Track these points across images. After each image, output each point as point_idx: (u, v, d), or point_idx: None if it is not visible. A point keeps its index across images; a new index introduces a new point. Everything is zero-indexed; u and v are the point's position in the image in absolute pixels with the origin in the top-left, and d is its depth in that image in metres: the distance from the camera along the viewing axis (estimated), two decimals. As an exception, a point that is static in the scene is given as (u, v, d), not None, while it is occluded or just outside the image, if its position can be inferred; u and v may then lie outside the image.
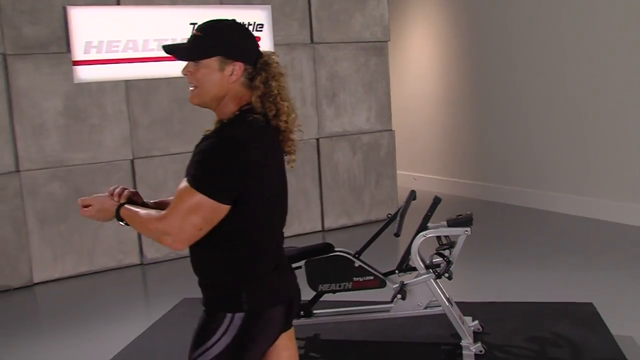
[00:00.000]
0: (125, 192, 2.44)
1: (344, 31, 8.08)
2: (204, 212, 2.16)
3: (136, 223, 2.31)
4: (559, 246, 6.88)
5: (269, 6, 7.52)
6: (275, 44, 7.56)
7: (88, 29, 6.64)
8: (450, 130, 9.99)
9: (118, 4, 6.82)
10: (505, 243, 7.05)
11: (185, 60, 2.33)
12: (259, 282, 2.34)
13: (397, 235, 3.87)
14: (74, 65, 6.59)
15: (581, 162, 8.00)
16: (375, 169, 8.40)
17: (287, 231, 7.97)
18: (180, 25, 7.02)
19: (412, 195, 4.42)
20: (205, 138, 2.25)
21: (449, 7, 9.83)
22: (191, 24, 7.07)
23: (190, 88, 2.32)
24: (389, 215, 4.30)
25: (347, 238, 7.53)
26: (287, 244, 5.35)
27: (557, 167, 8.31)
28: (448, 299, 4.08)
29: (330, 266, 4.21)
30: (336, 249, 4.28)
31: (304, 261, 4.24)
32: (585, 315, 4.71)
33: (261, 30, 7.46)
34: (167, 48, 2.35)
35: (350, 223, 8.22)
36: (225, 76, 2.29)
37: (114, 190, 2.43)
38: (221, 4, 7.30)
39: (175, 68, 2.52)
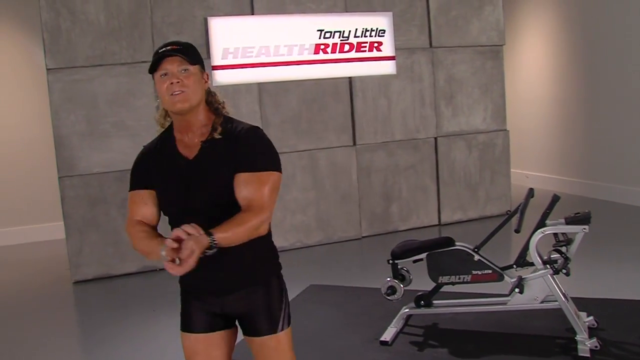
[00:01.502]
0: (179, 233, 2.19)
1: (461, 36, 7.99)
2: (278, 186, 2.43)
3: (238, 237, 2.27)
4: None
5: (391, 13, 7.54)
6: (397, 48, 7.58)
7: (225, 37, 6.88)
8: (562, 130, 9.69)
9: (252, 13, 7.02)
10: (618, 241, 6.77)
11: (186, 61, 2.35)
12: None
13: (517, 231, 3.82)
14: (213, 69, 6.83)
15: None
16: (490, 166, 8.26)
17: (405, 224, 7.99)
18: (308, 32, 7.18)
19: (531, 192, 4.35)
20: (222, 135, 2.41)
21: (562, 11, 9.52)
22: (318, 30, 7.20)
23: (176, 93, 2.33)
24: (508, 212, 4.28)
25: (462, 232, 7.45)
26: (406, 237, 5.39)
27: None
28: (564, 294, 3.99)
29: (451, 259, 4.20)
30: (457, 243, 4.26)
31: (425, 254, 4.25)
32: None
33: (383, 36, 7.49)
34: (169, 51, 2.36)
35: (465, 218, 8.13)
36: (203, 83, 2.44)
37: (177, 237, 2.16)
38: (346, 11, 7.37)
39: (303, 72, 2.57)
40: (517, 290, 3.92)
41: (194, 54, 2.39)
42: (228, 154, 2.36)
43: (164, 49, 2.36)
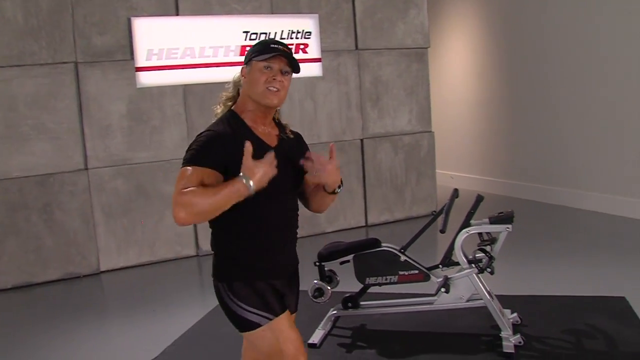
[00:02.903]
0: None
1: (386, 38, 8.05)
2: None
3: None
4: (592, 243, 6.78)
5: (317, 15, 7.54)
6: (323, 50, 7.58)
7: (150, 38, 6.73)
8: (486, 131, 9.90)
9: (177, 14, 6.89)
10: (541, 240, 6.96)
11: (289, 65, 2.54)
12: None
13: (442, 231, 3.85)
14: (137, 71, 6.68)
15: (613, 161, 7.86)
16: (415, 168, 8.36)
17: (332, 226, 8.03)
18: (234, 33, 7.09)
19: (456, 193, 4.39)
20: (293, 132, 2.74)
21: (484, 15, 9.74)
22: (244, 32, 7.13)
23: (273, 89, 2.50)
24: (434, 213, 4.29)
25: (389, 233, 7.51)
26: (333, 238, 5.37)
27: (590, 166, 8.17)
28: (489, 293, 4.05)
29: (378, 260, 4.21)
30: (383, 244, 4.27)
31: (352, 255, 4.24)
32: (618, 309, 4.66)
33: (309, 38, 7.48)
34: (282, 51, 2.52)
35: (391, 219, 8.19)
36: None
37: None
38: (272, 13, 7.32)
39: (229, 74, 2.53)
40: (443, 289, 3.96)
41: (296, 62, 2.58)
42: (300, 151, 2.64)
43: (275, 45, 2.53)
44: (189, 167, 2.34)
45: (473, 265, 4.00)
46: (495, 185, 9.61)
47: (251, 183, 2.24)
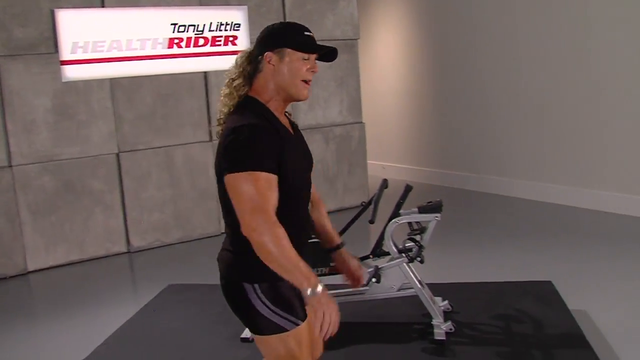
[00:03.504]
0: None
1: (316, 29, 7.90)
2: None
3: None
4: (520, 229, 7.00)
5: (245, 7, 7.49)
6: (252, 42, 7.49)
7: (74, 30, 6.57)
8: (417, 121, 10.05)
9: (103, 6, 6.74)
10: (471, 227, 7.13)
11: (330, 61, 2.51)
12: None
13: (371, 222, 3.89)
14: (62, 64, 6.52)
15: (539, 150, 8.10)
16: (347, 159, 8.42)
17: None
18: (162, 26, 6.99)
19: (385, 183, 4.44)
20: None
21: (415, 6, 9.86)
22: (172, 24, 7.02)
23: (308, 85, 2.41)
24: (363, 203, 4.32)
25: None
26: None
27: (517, 154, 8.40)
28: (419, 281, 4.11)
29: (308, 252, 4.20)
30: (313, 236, 4.27)
31: (284, 248, 4.24)
32: (545, 293, 4.82)
33: (238, 30, 7.43)
34: (321, 45, 2.42)
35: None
36: None
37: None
38: (200, 5, 7.24)
39: (157, 67, 2.45)
40: (374, 280, 4.00)
41: (335, 54, 2.48)
42: (304, 141, 2.58)
43: (310, 33, 2.41)
44: (246, 174, 2.17)
45: (403, 254, 4.06)
46: (426, 175, 9.77)
47: (317, 293, 2.12)
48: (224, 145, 2.25)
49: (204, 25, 7.23)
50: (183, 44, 7.13)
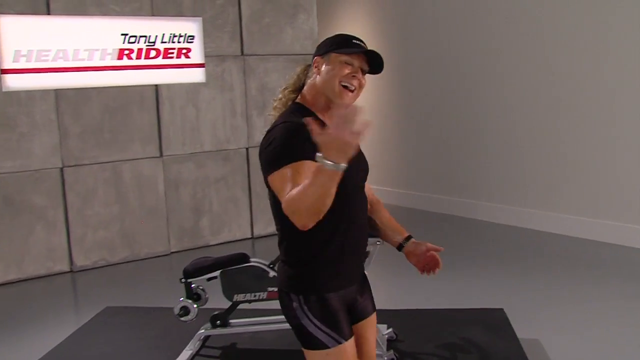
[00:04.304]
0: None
1: (274, 44, 8.18)
2: None
3: None
4: (479, 253, 7.10)
5: (200, 18, 7.59)
6: (206, 55, 7.63)
7: (17, 38, 6.59)
8: (378, 139, 10.15)
9: (48, 13, 6.79)
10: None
11: (376, 73, 2.51)
12: None
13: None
14: (3, 73, 6.53)
15: (502, 170, 8.25)
16: (304, 177, 8.46)
17: (217, 238, 8.04)
18: (111, 36, 7.04)
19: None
20: None
21: (377, 20, 10.02)
22: (122, 34, 7.09)
23: (351, 88, 2.43)
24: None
25: (276, 245, 7.60)
26: (216, 251, 5.42)
27: (480, 177, 8.55)
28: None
29: (246, 276, 4.30)
30: (251, 259, 4.37)
31: (219, 271, 4.33)
32: (495, 321, 4.88)
33: (192, 42, 7.52)
34: (369, 50, 2.46)
35: (279, 230, 8.27)
36: None
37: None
38: (152, 15, 7.32)
39: (106, 78, 2.48)
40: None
41: (381, 62, 2.49)
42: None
43: (358, 41, 2.47)
44: (284, 169, 2.19)
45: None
46: (387, 195, 9.88)
47: (332, 160, 1.94)
48: (261, 145, 2.37)
49: (156, 36, 7.31)
50: (134, 55, 7.20)
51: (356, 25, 10.43)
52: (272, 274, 4.29)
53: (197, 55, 7.59)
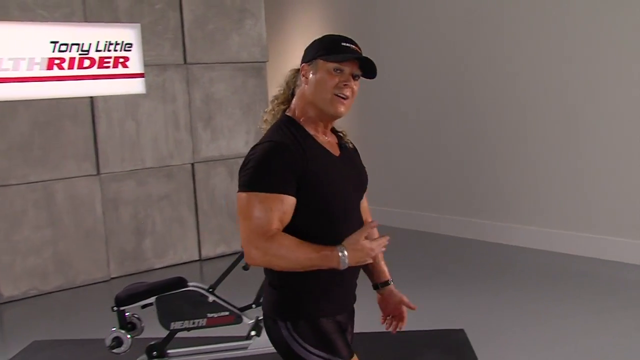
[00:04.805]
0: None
1: (220, 51, 7.93)
2: None
3: None
4: (447, 271, 6.91)
5: (138, 25, 7.28)
6: (146, 65, 7.33)
7: None
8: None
9: (-32, 19, 6.46)
10: (391, 269, 6.97)
11: (370, 77, 2.44)
12: None
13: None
14: None
15: (466, 185, 8.12)
16: (255, 194, 8.24)
17: (161, 261, 7.76)
18: (39, 44, 6.69)
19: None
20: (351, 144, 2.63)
21: (331, 24, 9.86)
22: (52, 42, 6.77)
23: (343, 97, 2.35)
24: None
25: (226, 267, 7.34)
26: (160, 275, 5.17)
27: (445, 190, 8.41)
28: (308, 333, 3.95)
29: (183, 302, 4.04)
30: (190, 284, 4.11)
31: (154, 297, 4.06)
32: (455, 343, 4.79)
33: (130, 50, 7.22)
34: (358, 53, 2.38)
35: (229, 251, 8.02)
36: None
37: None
38: (86, 21, 7.00)
39: (34, 90, 2.27)
40: (253, 333, 3.84)
41: (374, 67, 2.42)
42: (360, 164, 2.63)
43: (347, 44, 2.38)
44: (260, 193, 2.19)
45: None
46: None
47: (347, 258, 2.19)
48: (242, 162, 2.32)
49: (90, 44, 6.98)
50: (65, 65, 6.86)
51: (309, 29, 10.26)
52: (211, 298, 4.04)
53: (135, 65, 7.28)
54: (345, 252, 2.18)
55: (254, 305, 4.07)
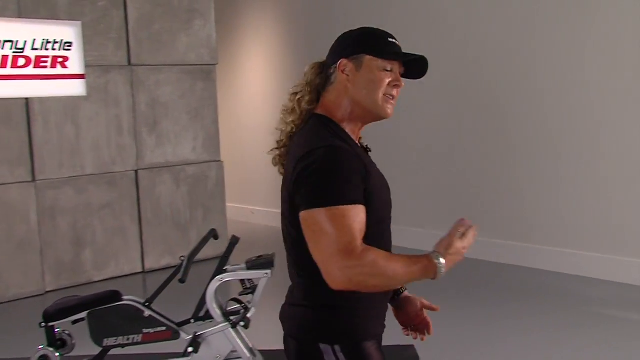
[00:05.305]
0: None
1: (166, 53, 7.82)
2: None
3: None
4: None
5: (79, 22, 7.11)
6: (87, 66, 7.17)
7: None
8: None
9: None
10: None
11: (419, 77, 2.34)
12: None
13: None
14: None
15: (421, 194, 8.10)
16: (202, 203, 8.15)
17: (102, 274, 7.62)
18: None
19: (212, 233, 4.19)
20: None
21: (285, 25, 9.79)
22: (-18, 39, 6.60)
23: (392, 99, 2.26)
24: (182, 258, 4.05)
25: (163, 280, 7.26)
26: (100, 288, 5.05)
27: (402, 201, 8.36)
28: (250, 349, 3.84)
29: (117, 317, 3.89)
30: (124, 297, 3.98)
31: (86, 312, 3.93)
32: (405, 359, 4.77)
33: (69, 50, 7.04)
34: (409, 53, 2.27)
35: (174, 263, 7.82)
36: None
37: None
38: (20, 17, 6.82)
39: None
40: (190, 349, 3.73)
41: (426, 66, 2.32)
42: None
43: (394, 40, 2.26)
44: (339, 207, 2.02)
45: (230, 318, 3.82)
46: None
47: (443, 267, 2.05)
48: (298, 173, 2.10)
49: (25, 42, 6.76)
50: (-3, 63, 6.72)
51: (261, 31, 10.19)
52: (147, 313, 3.90)
53: (75, 65, 7.10)
54: (442, 260, 2.04)
55: (192, 320, 3.95)
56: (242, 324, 3.77)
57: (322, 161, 2.08)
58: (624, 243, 6.53)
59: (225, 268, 3.91)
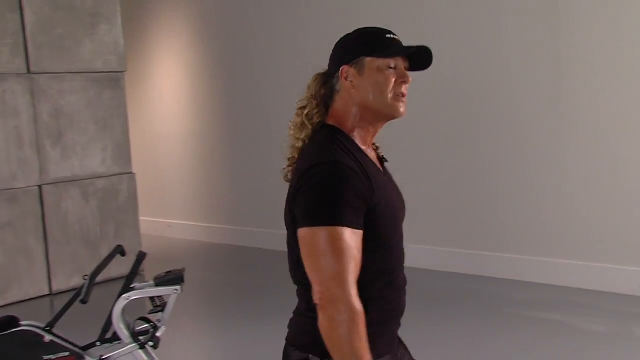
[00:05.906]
0: None
1: (70, 59, 7.64)
2: None
3: None
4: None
5: (-31, 28, 6.95)
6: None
7: None
8: (205, 170, 9.82)
9: None
10: (272, 295, 6.85)
11: (424, 68, 2.30)
12: None
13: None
14: None
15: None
16: (113, 217, 7.99)
17: (3, 298, 7.38)
18: None
19: (118, 250, 4.12)
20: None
21: (199, 30, 9.70)
22: None
23: (402, 97, 2.24)
24: (85, 278, 3.95)
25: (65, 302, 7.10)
26: (3, 313, 4.90)
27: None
28: (162, 371, 3.79)
29: (13, 345, 3.76)
30: (22, 322, 3.85)
31: (-20, 340, 3.79)
32: None
33: (-39, 58, 6.86)
34: (416, 47, 2.23)
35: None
36: None
37: None
38: None
39: None
40: (95, 374, 3.65)
41: (430, 57, 2.29)
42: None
43: (393, 35, 2.24)
44: (336, 229, 2.01)
45: (138, 338, 3.74)
46: (220, 233, 9.52)
47: None
48: (297, 188, 2.12)
49: None
50: None
51: (173, 36, 10.09)
52: (48, 338, 3.77)
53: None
54: None
55: (98, 343, 3.85)
56: (150, 343, 3.71)
57: (324, 177, 2.09)
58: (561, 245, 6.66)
59: (132, 286, 3.86)
